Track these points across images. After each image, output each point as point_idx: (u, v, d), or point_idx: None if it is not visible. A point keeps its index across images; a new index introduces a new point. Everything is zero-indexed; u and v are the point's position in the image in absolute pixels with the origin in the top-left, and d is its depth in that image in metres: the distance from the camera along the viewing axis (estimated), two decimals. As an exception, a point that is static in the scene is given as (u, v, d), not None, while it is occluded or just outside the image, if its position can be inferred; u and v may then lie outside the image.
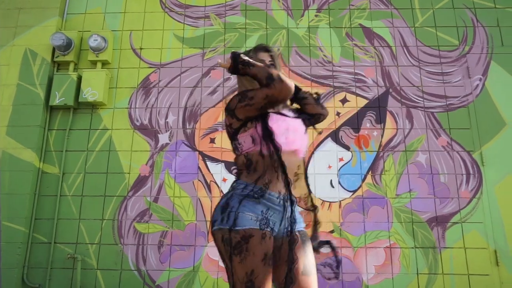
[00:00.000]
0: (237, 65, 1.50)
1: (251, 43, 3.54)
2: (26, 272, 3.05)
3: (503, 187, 3.16)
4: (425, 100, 3.39)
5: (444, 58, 3.47)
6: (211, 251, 3.08)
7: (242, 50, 3.48)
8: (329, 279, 1.53)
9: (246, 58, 1.51)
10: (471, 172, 3.21)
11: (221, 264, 3.05)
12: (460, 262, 3.02)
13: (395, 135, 3.31)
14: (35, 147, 3.26)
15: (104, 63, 3.48)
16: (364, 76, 3.46)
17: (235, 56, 1.51)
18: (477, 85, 3.41)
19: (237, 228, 1.37)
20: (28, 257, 3.08)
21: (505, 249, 3.03)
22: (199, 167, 3.28)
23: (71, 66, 3.48)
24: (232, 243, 1.36)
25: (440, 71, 3.45)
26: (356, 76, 3.46)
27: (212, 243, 3.10)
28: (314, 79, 3.45)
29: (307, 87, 3.43)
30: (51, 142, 3.36)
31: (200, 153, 3.31)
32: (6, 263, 2.99)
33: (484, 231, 3.06)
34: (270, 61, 1.65)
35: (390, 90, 3.42)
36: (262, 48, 1.71)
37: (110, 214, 3.18)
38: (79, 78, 3.41)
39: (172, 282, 3.03)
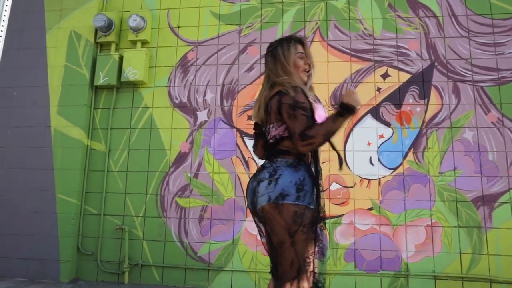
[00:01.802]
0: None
1: (288, 18, 3.46)
2: (80, 240, 3.30)
3: (559, 166, 2.96)
4: (474, 74, 3.18)
5: (497, 27, 3.22)
6: (250, 226, 3.17)
7: (279, 25, 3.43)
8: None
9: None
10: (523, 149, 3.02)
11: (259, 238, 3.13)
12: (508, 243, 2.89)
13: (440, 111, 3.16)
14: (83, 125, 3.44)
15: (144, 43, 3.56)
16: (407, 49, 3.29)
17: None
18: (534, 56, 3.14)
19: (311, 207, 1.47)
20: (81, 227, 3.33)
21: (559, 230, 2.87)
22: (237, 144, 3.33)
23: (113, 47, 3.60)
24: (304, 221, 1.43)
25: (493, 41, 3.21)
26: (398, 50, 3.30)
27: (250, 217, 3.19)
28: (354, 53, 3.34)
29: (347, 62, 3.34)
30: (97, 120, 3.54)
31: (238, 130, 3.35)
32: (63, 232, 3.25)
33: (535, 212, 2.91)
34: (301, 52, 1.66)
35: (436, 64, 3.24)
36: (297, 40, 1.69)
37: (153, 188, 3.34)
38: (121, 58, 3.53)
39: (212, 254, 3.17)
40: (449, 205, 3.01)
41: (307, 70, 1.66)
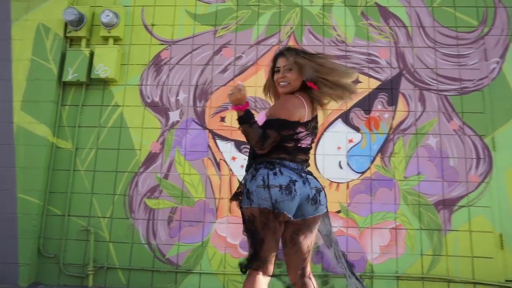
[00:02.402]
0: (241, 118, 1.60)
1: (263, 21, 3.49)
2: (42, 242, 3.17)
3: (513, 173, 3.14)
4: (439, 83, 3.33)
5: (462, 40, 3.39)
6: (220, 228, 3.16)
7: (254, 28, 3.45)
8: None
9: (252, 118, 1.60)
10: (481, 156, 3.19)
11: (229, 240, 3.13)
12: (465, 245, 3.05)
13: (406, 118, 3.28)
14: (49, 122, 3.32)
15: (116, 39, 3.48)
16: (378, 57, 3.40)
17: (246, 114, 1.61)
18: (494, 68, 3.33)
19: None
20: (43, 228, 3.20)
21: (511, 233, 3.04)
22: (209, 145, 3.31)
23: (84, 42, 3.49)
24: None
25: (457, 53, 3.37)
26: (369, 57, 3.40)
27: (220, 219, 3.18)
28: (326, 59, 3.40)
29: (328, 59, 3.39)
30: (64, 117, 3.41)
31: (210, 131, 3.34)
32: (23, 234, 3.11)
33: (491, 215, 3.07)
34: (277, 67, 1.80)
35: (404, 72, 3.36)
36: (275, 55, 1.84)
37: (122, 189, 3.26)
38: (91, 54, 3.43)
39: (181, 256, 3.13)
40: (412, 208, 3.13)
41: (280, 82, 1.76)
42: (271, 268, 1.60)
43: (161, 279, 3.10)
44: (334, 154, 3.24)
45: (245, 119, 1.58)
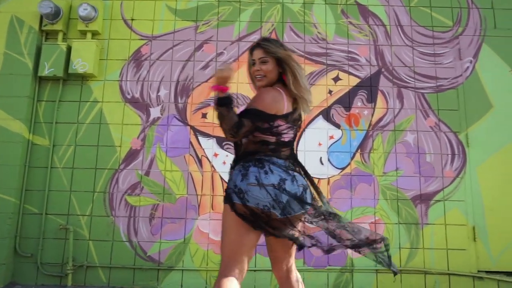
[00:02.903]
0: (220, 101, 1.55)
1: (245, 18, 3.48)
2: (18, 242, 3.08)
3: (485, 168, 3.27)
4: (416, 81, 3.42)
5: (437, 39, 3.49)
6: (202, 224, 3.15)
7: (236, 24, 3.45)
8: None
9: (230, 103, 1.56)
10: (456, 152, 3.30)
11: (212, 236, 3.13)
12: (440, 238, 3.16)
13: (385, 115, 3.36)
14: (24, 118, 3.21)
15: (94, 34, 3.40)
16: (358, 55, 3.46)
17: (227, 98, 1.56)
18: (468, 67, 3.45)
19: None
20: (19, 227, 3.11)
21: (483, 225, 3.18)
22: (190, 142, 3.29)
23: (60, 36, 3.39)
24: None
25: (433, 52, 3.47)
26: (349, 55, 3.46)
27: (202, 216, 3.18)
28: (308, 56, 3.44)
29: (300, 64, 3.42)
30: (40, 113, 3.32)
31: (192, 127, 3.32)
32: (-2, 233, 3.02)
33: (465, 209, 3.19)
34: (252, 59, 1.78)
35: (383, 70, 3.44)
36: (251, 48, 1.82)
37: (102, 186, 3.21)
38: (69, 49, 3.34)
39: (163, 253, 3.11)
40: (391, 203, 3.22)
41: (256, 75, 1.75)
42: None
43: (143, 276, 3.07)
44: (315, 150, 3.28)
45: (225, 101, 1.53)
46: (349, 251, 3.13)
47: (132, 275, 3.08)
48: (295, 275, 1.75)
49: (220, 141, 3.28)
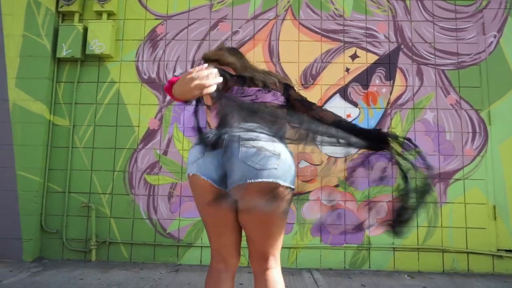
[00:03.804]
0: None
1: (260, -5, 3.42)
2: (43, 218, 3.20)
3: (507, 146, 3.20)
4: (436, 57, 3.33)
5: (460, 13, 3.36)
6: (220, 202, 3.19)
7: (251, 2, 3.39)
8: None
9: None
10: (477, 130, 3.23)
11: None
12: (459, 217, 3.13)
13: (404, 93, 3.29)
14: (45, 99, 3.28)
15: (110, 14, 3.40)
16: (376, 31, 3.37)
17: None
18: (491, 42, 3.33)
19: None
20: (44, 205, 3.22)
21: (504, 204, 3.12)
22: (207, 122, 3.30)
23: (76, 17, 3.41)
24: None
25: (455, 27, 3.35)
26: (367, 31, 3.37)
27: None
28: (324, 33, 3.37)
29: (317, 42, 3.37)
30: (60, 94, 3.38)
31: (209, 107, 3.31)
32: (24, 210, 3.13)
33: (485, 188, 3.14)
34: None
35: (402, 46, 3.35)
36: None
37: (121, 165, 3.27)
38: (85, 30, 3.36)
39: (182, 230, 3.18)
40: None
41: None
42: None
43: (163, 253, 3.16)
44: (332, 129, 3.25)
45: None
46: (367, 229, 3.14)
47: (152, 251, 3.17)
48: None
49: (236, 121, 3.28)
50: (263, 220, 1.30)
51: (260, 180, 1.24)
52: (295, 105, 1.57)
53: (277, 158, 1.28)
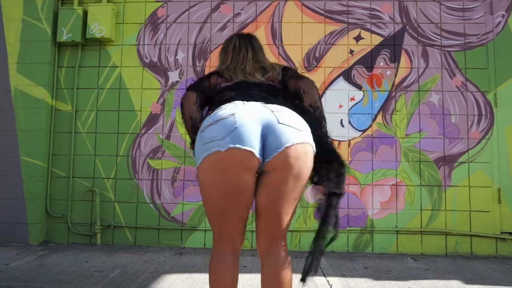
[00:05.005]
0: None
1: (262, -25, 3.34)
2: (48, 203, 3.23)
3: (514, 129, 3.15)
4: (442, 38, 3.26)
5: (467, -8, 3.28)
6: (223, 187, 3.20)
7: (253, -18, 3.31)
8: None
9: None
10: (483, 113, 3.18)
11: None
12: (463, 200, 3.11)
13: (409, 75, 3.24)
14: (46, 84, 3.26)
15: (110, -3, 3.35)
16: (381, 12, 3.30)
17: None
18: (499, 22, 3.25)
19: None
20: (49, 190, 3.24)
21: (509, 187, 3.10)
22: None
23: (76, 0, 3.36)
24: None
25: (462, 6, 3.27)
26: (372, 12, 3.30)
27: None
28: (328, 14, 3.31)
29: (321, 23, 3.31)
30: (61, 79, 3.36)
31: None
32: (29, 195, 3.15)
33: (490, 171, 3.12)
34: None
35: (407, 27, 3.28)
36: None
37: (124, 150, 3.27)
38: (85, 13, 3.31)
39: (186, 214, 3.20)
40: (413, 165, 3.17)
41: None
42: None
43: (167, 236, 3.19)
44: (335, 112, 3.22)
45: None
46: (370, 212, 3.14)
47: (157, 235, 3.20)
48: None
49: (239, 104, 3.25)
50: (296, 178, 1.26)
51: (303, 141, 1.24)
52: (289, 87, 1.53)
53: (302, 121, 1.30)
